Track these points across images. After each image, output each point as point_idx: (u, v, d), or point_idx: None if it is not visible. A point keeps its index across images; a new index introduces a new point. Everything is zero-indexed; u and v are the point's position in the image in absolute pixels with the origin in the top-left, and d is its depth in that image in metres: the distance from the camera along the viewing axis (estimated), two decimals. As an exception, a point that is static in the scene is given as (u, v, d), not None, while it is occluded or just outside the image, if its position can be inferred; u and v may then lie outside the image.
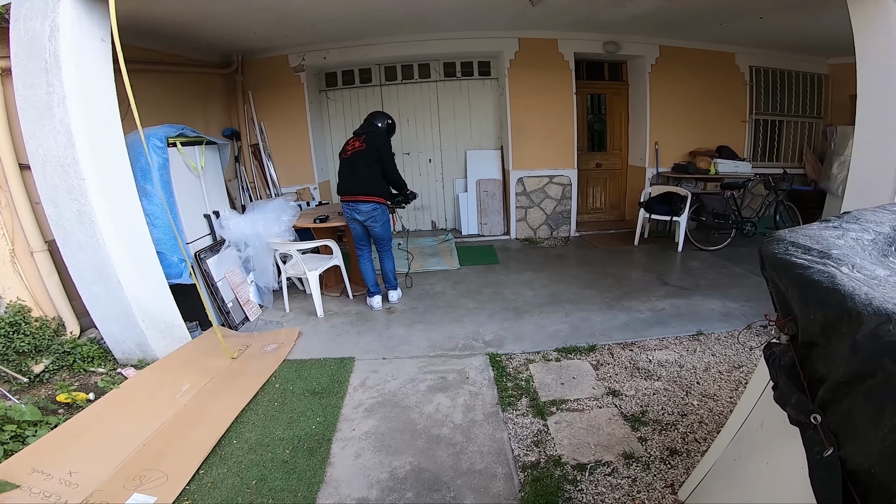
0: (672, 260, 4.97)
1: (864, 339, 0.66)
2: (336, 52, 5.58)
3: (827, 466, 0.75)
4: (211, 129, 5.04)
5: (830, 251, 0.87)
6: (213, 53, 5.21)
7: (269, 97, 5.66)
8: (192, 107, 4.82)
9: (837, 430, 0.77)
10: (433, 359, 3.02)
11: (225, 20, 4.06)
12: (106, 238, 2.64)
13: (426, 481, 1.98)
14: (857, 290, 0.73)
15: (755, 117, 6.26)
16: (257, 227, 3.83)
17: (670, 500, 1.82)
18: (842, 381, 0.73)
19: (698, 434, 2.17)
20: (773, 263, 0.93)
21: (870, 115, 2.38)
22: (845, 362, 0.71)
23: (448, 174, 6.55)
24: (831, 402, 0.78)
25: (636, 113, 6.27)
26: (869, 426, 0.67)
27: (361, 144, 3.60)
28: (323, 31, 4.89)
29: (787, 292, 0.91)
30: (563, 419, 2.35)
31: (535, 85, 5.66)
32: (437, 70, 6.15)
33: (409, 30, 5.23)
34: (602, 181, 6.78)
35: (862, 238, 1.06)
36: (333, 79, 6.26)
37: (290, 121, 5.77)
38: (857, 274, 0.78)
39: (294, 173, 5.90)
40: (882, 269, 0.95)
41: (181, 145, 3.41)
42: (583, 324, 3.42)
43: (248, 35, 4.74)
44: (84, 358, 2.85)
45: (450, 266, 4.99)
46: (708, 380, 2.63)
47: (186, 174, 3.52)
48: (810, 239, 0.96)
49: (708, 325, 3.27)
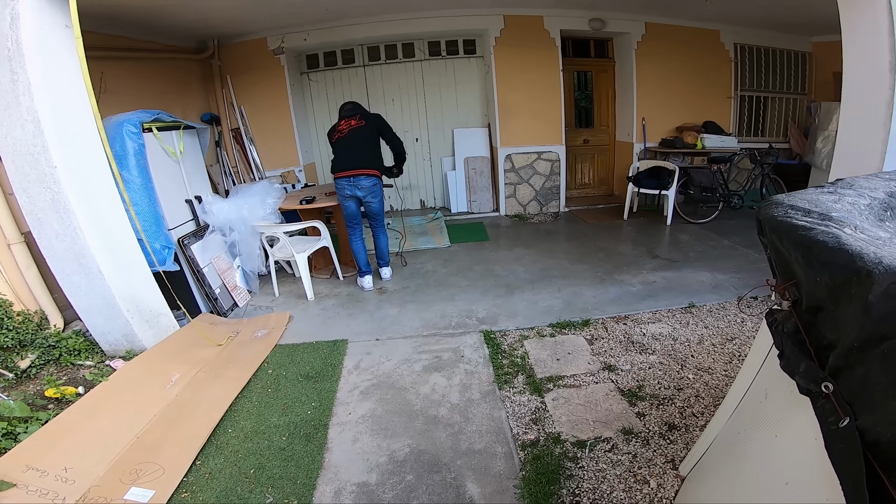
0: (661, 233, 5.00)
1: (878, 300, 0.63)
2: (317, 33, 5.40)
3: (844, 438, 0.72)
4: (189, 115, 4.90)
5: (830, 213, 0.85)
6: (188, 39, 5.04)
7: (249, 81, 5.50)
8: (168, 93, 4.69)
9: (853, 398, 0.73)
10: (427, 338, 3.01)
11: (200, 4, 3.91)
12: (83, 227, 2.55)
13: (426, 463, 1.97)
14: (865, 249, 0.70)
15: (740, 93, 6.27)
16: (242, 211, 3.74)
17: (671, 476, 1.82)
18: (855, 345, 0.69)
19: (695, 408, 2.18)
20: (773, 227, 0.90)
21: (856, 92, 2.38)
22: (858, 326, 0.68)
23: (436, 153, 6.46)
24: (844, 368, 0.75)
25: (623, 89, 6.24)
26: (888, 393, 0.64)
27: (359, 122, 3.63)
28: (303, 12, 4.73)
29: (790, 255, 0.88)
30: (561, 396, 2.34)
31: (521, 62, 5.58)
32: (421, 49, 6.00)
33: (392, 8, 5.09)
34: (590, 157, 6.75)
35: (858, 203, 1.04)
36: (315, 60, 6.07)
37: (271, 104, 5.61)
38: (861, 234, 0.76)
39: (278, 156, 5.77)
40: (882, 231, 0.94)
41: (157, 130, 3.28)
42: (575, 298, 3.43)
43: (224, 19, 4.57)
44: (70, 351, 2.78)
45: (440, 244, 4.95)
46: (702, 353, 2.64)
47: (165, 160, 3.39)
48: (809, 202, 0.94)
49: (699, 297, 3.30)
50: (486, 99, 6.11)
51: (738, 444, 1.32)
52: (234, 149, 5.53)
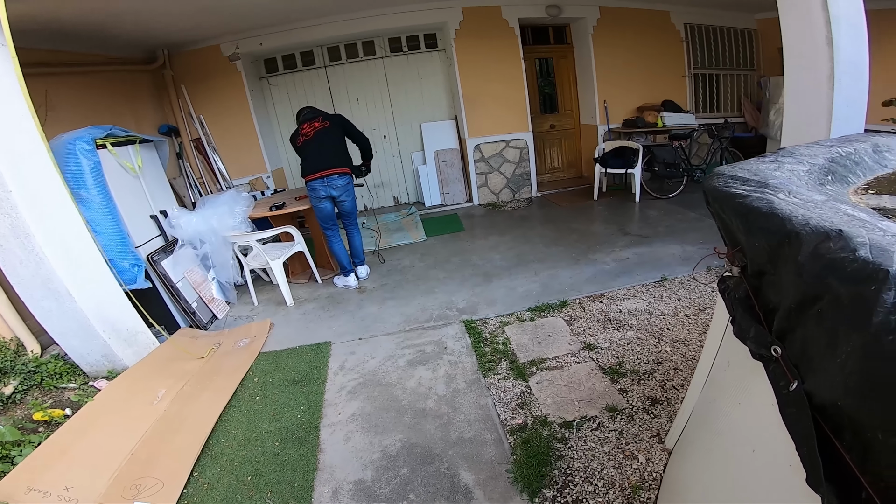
0: (631, 211, 5.14)
1: (807, 260, 0.65)
2: (272, 37, 5.29)
3: (794, 402, 0.71)
4: (145, 127, 4.75)
5: (768, 181, 0.90)
6: (136, 50, 4.86)
7: (206, 89, 5.35)
8: (120, 106, 4.53)
9: (798, 361, 0.72)
10: (409, 333, 3.03)
11: (139, 16, 3.79)
12: (46, 251, 2.47)
13: (418, 456, 2.00)
14: (795, 212, 0.72)
15: (694, 72, 6.45)
16: (210, 223, 3.67)
17: (658, 450, 1.85)
18: (792, 307, 0.70)
19: (675, 381, 2.23)
20: (715, 196, 0.93)
21: (796, 66, 2.48)
22: (793, 287, 0.69)
23: (405, 148, 6.43)
24: (787, 331, 0.75)
25: (583, 74, 6.34)
26: (826, 354, 0.63)
27: (323, 123, 3.61)
28: (256, 17, 4.64)
29: (731, 223, 0.91)
30: (544, 378, 2.38)
31: (482, 53, 5.61)
32: (382, 46, 5.95)
33: (348, 8, 5.03)
34: (557, 141, 6.85)
35: (797, 169, 1.11)
36: (273, 64, 5.94)
37: (231, 111, 5.48)
38: (793, 199, 0.79)
39: (244, 164, 5.64)
40: (819, 195, 1.00)
41: (112, 146, 3.18)
42: (552, 281, 3.50)
43: (170, 29, 4.43)
44: (52, 375, 2.75)
45: (416, 239, 4.97)
46: (677, 325, 2.72)
47: (124, 176, 3.29)
48: (748, 171, 0.99)
49: (670, 269, 3.41)
50: (451, 91, 6.12)
51: (711, 415, 1.33)
52: (196, 159, 5.38)
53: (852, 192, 1.31)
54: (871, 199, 1.24)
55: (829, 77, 2.28)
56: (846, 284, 0.58)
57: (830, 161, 1.41)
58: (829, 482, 0.62)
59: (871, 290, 0.55)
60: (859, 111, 2.38)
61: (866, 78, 2.30)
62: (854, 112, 2.37)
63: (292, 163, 6.22)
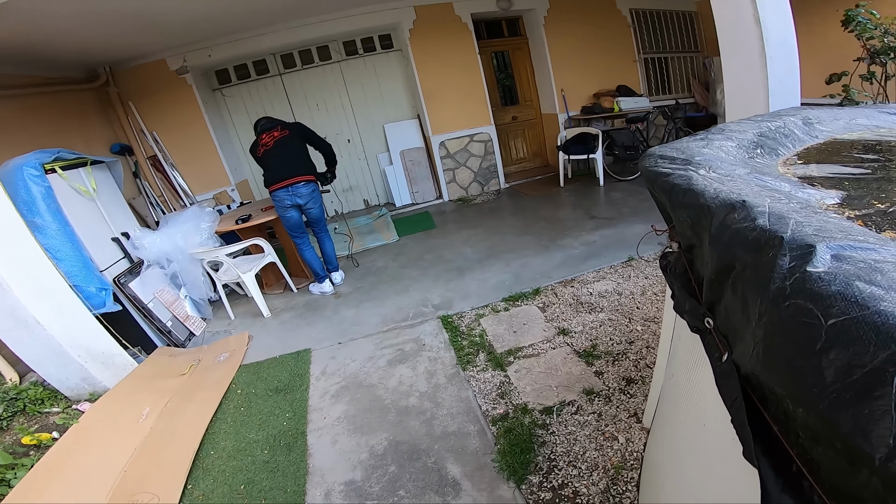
0: (596, 195, 5.28)
1: (717, 231, 0.68)
2: (221, 48, 5.16)
3: (726, 373, 0.71)
4: (95, 148, 4.57)
5: (693, 158, 0.96)
6: (75, 69, 4.65)
7: (156, 104, 5.18)
8: (66, 128, 4.34)
9: (727, 332, 0.73)
10: (387, 333, 3.06)
11: (71, 36, 3.63)
12: (9, 281, 2.44)
13: (405, 452, 2.02)
14: (709, 187, 0.76)
15: (643, 56, 6.64)
16: (176, 241, 3.60)
17: (637, 429, 1.88)
18: (713, 277, 0.72)
19: (648, 360, 2.27)
20: (647, 176, 0.99)
21: (730, 45, 2.61)
22: (710, 258, 0.71)
23: (370, 150, 6.41)
24: (714, 302, 0.76)
25: (539, 64, 6.44)
26: (743, 323, 0.63)
27: (282, 132, 3.57)
28: (201, 29, 4.51)
29: (662, 200, 0.95)
30: (522, 367, 2.42)
31: (439, 51, 5.64)
32: (337, 50, 5.90)
33: (296, 15, 4.96)
34: (521, 132, 6.96)
35: (725, 145, 1.19)
36: (226, 75, 5.81)
37: (186, 125, 5.33)
38: (712, 174, 0.84)
39: (206, 179, 5.51)
40: (743, 168, 1.08)
41: (62, 169, 3.08)
42: (524, 270, 3.58)
43: (109, 46, 4.27)
44: (34, 401, 2.71)
45: (388, 240, 4.98)
46: (646, 303, 2.79)
47: (79, 199, 3.20)
48: (677, 150, 1.06)
49: (636, 249, 3.48)
50: (412, 90, 6.12)
51: (673, 391, 1.35)
52: (155, 177, 5.23)
53: (781, 164, 1.42)
54: (798, 168, 1.34)
55: (762, 55, 2.43)
56: (749, 253, 0.62)
57: (760, 135, 1.51)
58: (765, 455, 0.62)
59: (768, 257, 0.58)
60: (793, 86, 2.53)
61: (796, 54, 2.45)
62: (788, 87, 2.52)
63: (256, 174, 6.05)
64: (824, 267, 0.53)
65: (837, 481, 0.49)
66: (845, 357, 0.46)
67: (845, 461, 0.46)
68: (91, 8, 3.21)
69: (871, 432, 0.42)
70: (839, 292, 0.49)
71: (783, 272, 0.56)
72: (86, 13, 3.26)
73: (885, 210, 0.86)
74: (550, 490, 1.71)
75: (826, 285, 0.51)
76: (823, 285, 0.51)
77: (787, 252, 0.58)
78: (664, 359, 1.56)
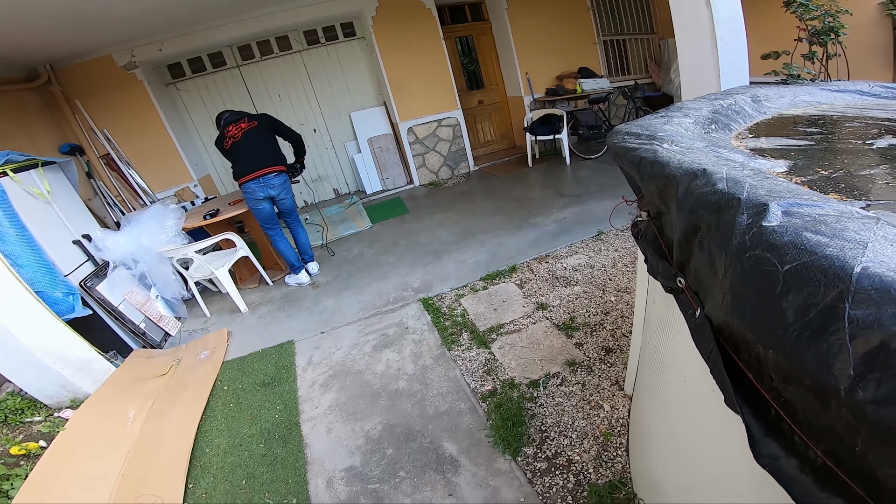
0: (563, 173, 5.43)
1: (683, 197, 0.75)
2: (172, 42, 4.93)
3: (700, 327, 0.76)
4: (43, 149, 4.32)
5: (657, 134, 1.06)
6: (12, 69, 4.34)
7: (105, 102, 4.93)
8: (9, 130, 4.08)
9: (697, 289, 0.79)
10: (369, 319, 3.09)
11: (3, 35, 3.42)
12: (-33, 293, 2.30)
13: (400, 435, 2.05)
14: (673, 158, 0.85)
15: (603, 38, 6.78)
16: (140, 240, 3.48)
17: (620, 396, 1.94)
18: (681, 239, 0.79)
19: (624, 329, 2.34)
20: (615, 151, 1.08)
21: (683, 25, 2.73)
22: (678, 222, 0.79)
23: (337, 139, 6.33)
24: (684, 262, 0.82)
25: (503, 48, 6.50)
26: (711, 278, 0.69)
27: (249, 123, 3.49)
28: (145, 26, 4.29)
29: (630, 173, 1.03)
30: (506, 343, 2.48)
31: (403, 37, 5.59)
32: (297, 40, 5.74)
33: (249, 6, 4.77)
34: (487, 115, 7.02)
35: (684, 122, 1.30)
36: (179, 69, 5.56)
37: (139, 122, 5.09)
38: (674, 147, 0.93)
39: (166, 176, 5.31)
40: (700, 142, 1.19)
41: (13, 172, 2.92)
42: (499, 249, 3.67)
43: (47, 44, 4.00)
44: (14, 411, 2.61)
45: (362, 227, 4.98)
46: (618, 275, 2.90)
47: (34, 203, 3.04)
48: (641, 127, 1.16)
49: (605, 224, 3.63)
50: (377, 78, 6.06)
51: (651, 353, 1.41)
52: (110, 176, 4.99)
53: (734, 137, 1.54)
54: (749, 141, 1.47)
55: (712, 36, 2.57)
56: (712, 214, 0.71)
57: (714, 112, 1.63)
58: (745, 403, 0.65)
59: (729, 216, 0.67)
60: (742, 66, 2.69)
61: (744, 34, 2.61)
62: (738, 67, 2.68)
63: (220, 168, 5.93)
64: (777, 221, 0.61)
65: (812, 420, 0.53)
66: (801, 297, 0.52)
67: (815, 398, 0.50)
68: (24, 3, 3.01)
69: (833, 366, 0.46)
70: (791, 242, 0.57)
71: (742, 228, 0.64)
72: (18, 10, 3.06)
73: (829, 176, 0.96)
74: (545, 460, 1.78)
75: (780, 236, 0.59)
76: (777, 236, 0.59)
77: (744, 211, 0.66)
78: (640, 325, 1.64)
